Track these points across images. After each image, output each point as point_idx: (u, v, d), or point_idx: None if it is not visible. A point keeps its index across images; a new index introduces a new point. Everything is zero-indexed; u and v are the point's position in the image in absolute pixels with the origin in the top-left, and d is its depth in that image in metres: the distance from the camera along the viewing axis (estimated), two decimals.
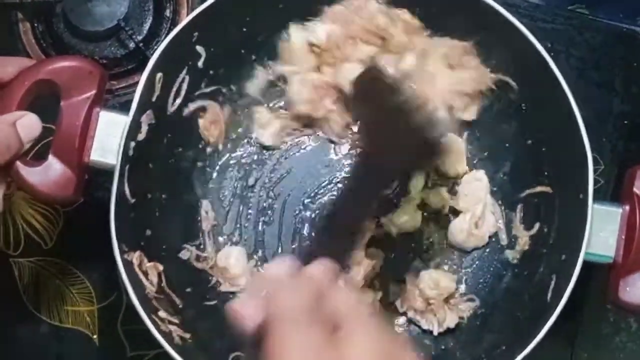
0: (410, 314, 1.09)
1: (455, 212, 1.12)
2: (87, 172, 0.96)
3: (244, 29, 1.08)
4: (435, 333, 1.08)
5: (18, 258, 1.16)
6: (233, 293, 1.10)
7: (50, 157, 0.93)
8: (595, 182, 0.96)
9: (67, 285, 1.16)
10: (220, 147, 1.14)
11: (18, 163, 0.92)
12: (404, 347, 0.70)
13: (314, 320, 0.65)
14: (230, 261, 1.10)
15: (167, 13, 1.22)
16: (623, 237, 0.96)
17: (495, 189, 1.12)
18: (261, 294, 0.69)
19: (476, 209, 1.10)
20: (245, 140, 1.15)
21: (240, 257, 1.11)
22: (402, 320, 1.11)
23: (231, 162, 1.14)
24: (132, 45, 1.18)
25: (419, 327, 1.09)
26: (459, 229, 1.10)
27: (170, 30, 1.20)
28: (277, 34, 1.10)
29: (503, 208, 1.11)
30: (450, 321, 1.08)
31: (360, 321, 0.67)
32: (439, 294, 1.07)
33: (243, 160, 1.15)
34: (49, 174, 0.93)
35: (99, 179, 1.08)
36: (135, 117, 0.97)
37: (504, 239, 1.10)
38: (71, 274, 1.16)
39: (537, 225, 1.07)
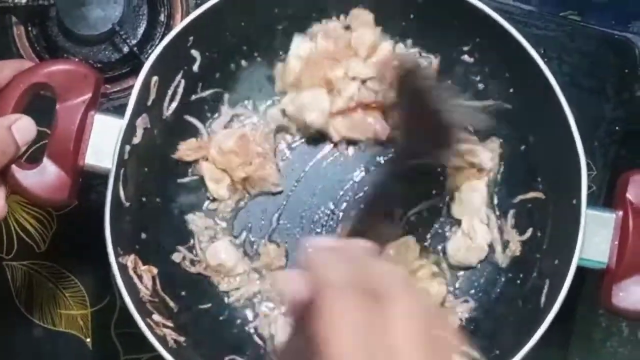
0: None
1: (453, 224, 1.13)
2: (82, 176, 0.96)
3: (239, 34, 1.08)
4: None
5: (11, 261, 1.16)
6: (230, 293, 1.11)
7: (45, 160, 0.93)
8: (588, 187, 0.97)
9: (60, 289, 1.16)
10: None
11: (13, 166, 0.92)
12: (444, 314, 0.72)
13: (360, 289, 0.66)
14: (222, 256, 1.09)
15: (162, 17, 1.22)
16: (616, 242, 0.96)
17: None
18: (307, 267, 0.70)
19: (466, 221, 1.10)
20: None
21: (229, 248, 1.10)
22: None
23: None
24: (126, 49, 1.18)
25: None
26: (456, 249, 1.10)
27: (164, 34, 1.20)
28: (271, 39, 1.11)
29: (498, 214, 1.11)
30: (453, 324, 1.08)
31: (402, 290, 0.67)
32: (434, 302, 1.07)
33: None
34: (44, 177, 0.93)
35: (92, 182, 1.08)
36: (130, 120, 0.97)
37: (499, 249, 1.10)
38: (64, 278, 1.16)
39: (530, 231, 1.07)
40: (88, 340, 1.15)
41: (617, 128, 1.20)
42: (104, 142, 0.96)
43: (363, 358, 0.62)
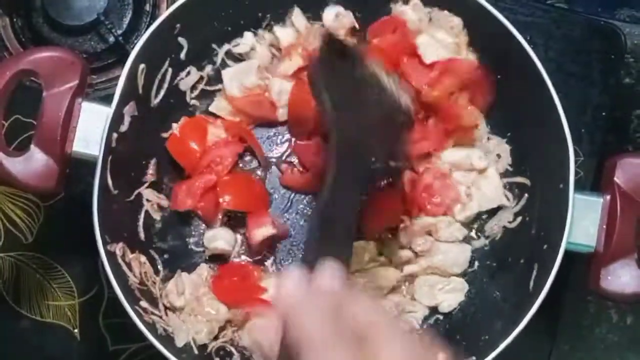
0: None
1: None
2: (69, 164, 0.96)
3: (224, 22, 1.08)
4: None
5: None
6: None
7: (33, 148, 0.93)
8: (575, 173, 0.97)
9: (48, 280, 1.15)
10: None
11: (0, 154, 0.91)
12: (432, 348, 0.70)
13: (339, 337, 0.64)
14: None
15: (147, 7, 1.22)
16: (604, 226, 0.97)
17: None
18: (278, 316, 0.68)
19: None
20: None
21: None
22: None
23: None
24: (111, 39, 1.18)
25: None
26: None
27: (150, 24, 1.19)
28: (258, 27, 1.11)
29: None
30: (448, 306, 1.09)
31: (385, 331, 0.66)
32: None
33: None
34: (32, 164, 0.93)
35: (79, 172, 1.07)
36: (117, 108, 0.97)
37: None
38: (52, 269, 1.15)
39: (519, 218, 1.08)
40: (76, 331, 1.15)
41: (603, 114, 1.20)
42: (92, 129, 0.95)
43: None
